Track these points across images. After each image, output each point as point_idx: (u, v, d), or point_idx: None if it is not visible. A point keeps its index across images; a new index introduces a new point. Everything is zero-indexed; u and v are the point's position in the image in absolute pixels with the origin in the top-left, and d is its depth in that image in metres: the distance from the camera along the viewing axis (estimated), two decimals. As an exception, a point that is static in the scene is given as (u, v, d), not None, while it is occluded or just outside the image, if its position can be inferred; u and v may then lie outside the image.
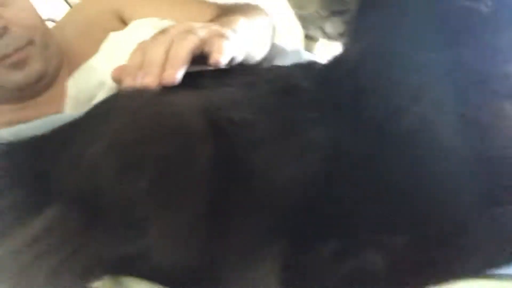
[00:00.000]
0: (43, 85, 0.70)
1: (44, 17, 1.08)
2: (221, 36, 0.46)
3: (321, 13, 1.07)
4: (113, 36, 0.67)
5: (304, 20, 1.21)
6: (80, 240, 0.36)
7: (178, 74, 0.42)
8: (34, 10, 0.70)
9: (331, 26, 1.08)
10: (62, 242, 0.36)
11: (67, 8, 1.31)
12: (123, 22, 0.76)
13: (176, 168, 0.36)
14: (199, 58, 0.45)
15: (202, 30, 0.47)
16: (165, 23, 0.68)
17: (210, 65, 0.45)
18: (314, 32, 1.24)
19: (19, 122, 0.59)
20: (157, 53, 0.44)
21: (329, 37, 1.13)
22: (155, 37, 0.46)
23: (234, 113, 0.39)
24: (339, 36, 1.05)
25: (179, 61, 0.42)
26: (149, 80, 0.42)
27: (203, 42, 0.45)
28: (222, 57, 0.43)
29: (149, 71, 0.43)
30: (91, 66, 0.63)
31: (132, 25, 0.70)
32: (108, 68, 0.56)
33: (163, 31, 0.46)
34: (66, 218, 0.37)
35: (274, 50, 0.76)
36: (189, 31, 0.46)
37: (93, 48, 0.68)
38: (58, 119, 0.49)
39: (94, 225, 0.36)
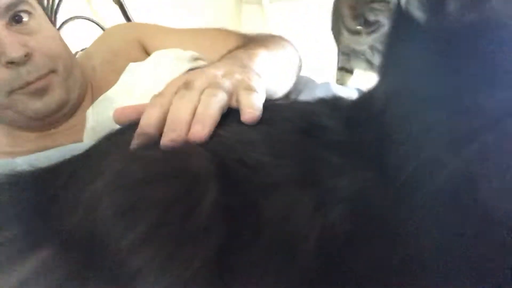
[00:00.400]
0: (64, 114, 0.69)
1: (81, 46, 1.10)
2: (249, 89, 0.43)
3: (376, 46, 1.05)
4: (132, 67, 0.65)
5: (347, 54, 1.19)
6: (68, 289, 0.33)
7: (207, 131, 0.38)
8: (60, 39, 0.70)
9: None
10: (49, 290, 0.33)
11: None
12: (146, 52, 0.75)
13: (177, 214, 0.32)
14: None
15: (227, 82, 0.43)
16: (188, 53, 0.65)
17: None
18: (353, 64, 1.21)
19: (39, 150, 0.57)
20: (183, 111, 0.40)
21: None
22: (180, 94, 0.42)
23: (246, 154, 0.35)
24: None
25: (209, 120, 0.39)
26: (173, 136, 0.39)
27: (230, 96, 0.42)
28: (255, 114, 0.39)
29: (175, 128, 0.39)
30: (109, 97, 0.61)
31: (153, 56, 0.68)
32: (126, 100, 0.54)
33: (186, 85, 0.43)
34: (55, 263, 0.34)
35: (302, 82, 0.72)
36: (215, 85, 0.42)
37: (117, 77, 0.67)
38: (73, 149, 0.47)
39: (83, 273, 0.33)
